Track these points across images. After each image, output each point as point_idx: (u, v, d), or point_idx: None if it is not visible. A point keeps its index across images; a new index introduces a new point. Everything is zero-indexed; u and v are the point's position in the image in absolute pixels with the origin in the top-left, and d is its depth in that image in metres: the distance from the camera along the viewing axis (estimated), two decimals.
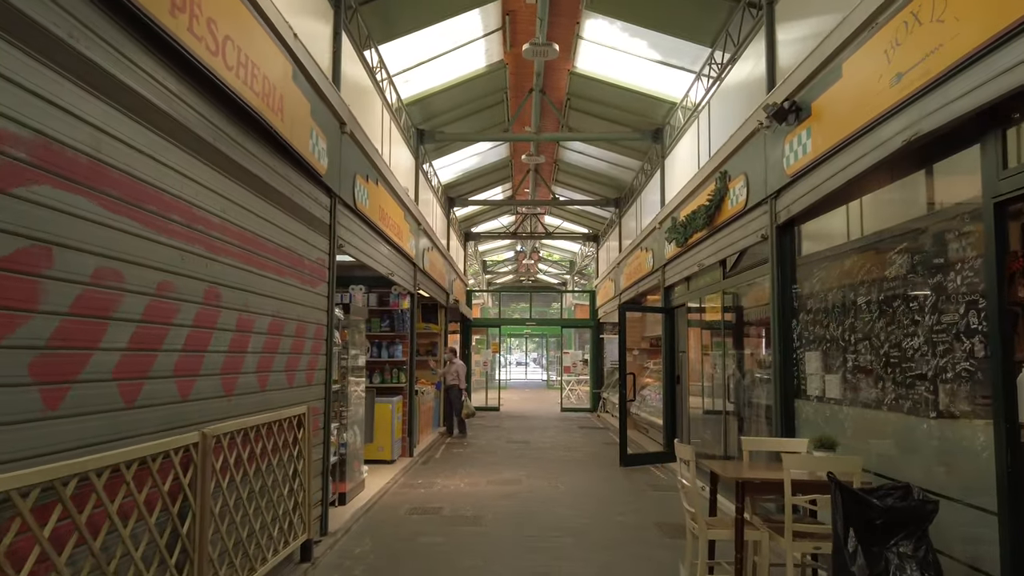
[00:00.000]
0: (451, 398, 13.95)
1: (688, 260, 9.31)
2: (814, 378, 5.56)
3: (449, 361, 14.02)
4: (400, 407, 10.70)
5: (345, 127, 6.49)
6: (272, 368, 4.88)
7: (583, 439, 13.57)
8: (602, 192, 16.31)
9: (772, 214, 6.18)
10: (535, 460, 10.76)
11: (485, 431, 14.76)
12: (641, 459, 10.38)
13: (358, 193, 7.09)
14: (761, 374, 7.21)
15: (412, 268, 10.88)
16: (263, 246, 4.74)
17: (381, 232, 8.23)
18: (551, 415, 18.68)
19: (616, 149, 13.04)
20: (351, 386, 7.73)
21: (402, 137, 10.57)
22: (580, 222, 20.50)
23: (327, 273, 6.25)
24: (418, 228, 11.10)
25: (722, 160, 7.56)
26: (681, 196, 9.48)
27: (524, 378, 38.93)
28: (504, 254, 30.00)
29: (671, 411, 10.76)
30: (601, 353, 20.35)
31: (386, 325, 10.97)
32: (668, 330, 10.85)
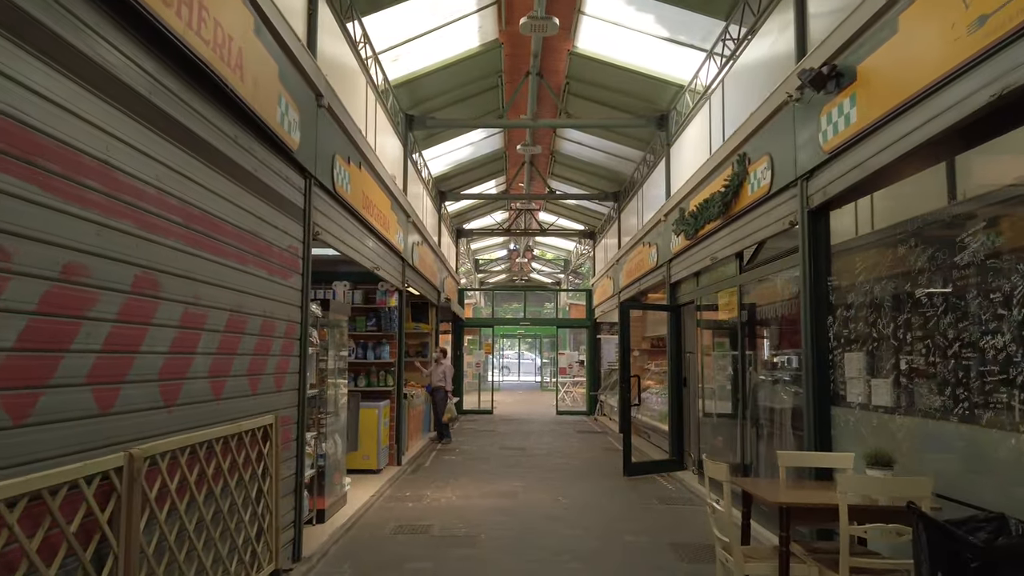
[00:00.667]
0: (436, 400, 13.20)
1: (698, 254, 8.62)
2: (856, 382, 4.87)
3: (437, 362, 13.28)
4: (387, 412, 9.97)
5: (322, 99, 5.76)
6: (230, 372, 4.15)
7: (581, 445, 12.87)
8: (600, 186, 15.62)
9: (803, 198, 5.49)
10: (532, 469, 10.04)
11: (478, 436, 14.03)
12: (646, 468, 9.68)
13: (338, 176, 6.35)
14: (783, 377, 6.53)
15: (400, 263, 10.15)
16: (219, 227, 4.00)
17: (365, 221, 7.49)
18: (546, 418, 17.98)
19: (616, 138, 12.34)
20: (331, 390, 7.00)
21: (389, 122, 9.85)
22: (576, 218, 19.81)
23: (300, 264, 5.51)
24: (407, 221, 10.37)
25: (740, 142, 6.87)
26: (690, 185, 8.79)
27: (518, 379, 38.20)
28: (497, 252, 29.30)
29: (677, 416, 10.07)
30: (598, 354, 19.66)
31: (372, 324, 10.23)
32: (674, 330, 10.16)
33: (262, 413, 4.62)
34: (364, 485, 8.52)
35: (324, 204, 6.09)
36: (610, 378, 18.78)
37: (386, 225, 8.66)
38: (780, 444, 6.41)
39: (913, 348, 4.20)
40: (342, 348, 7.51)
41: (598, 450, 12.20)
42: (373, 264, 8.09)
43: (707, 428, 8.98)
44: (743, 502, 4.27)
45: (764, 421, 6.89)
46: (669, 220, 10.04)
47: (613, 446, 12.70)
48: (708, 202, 7.76)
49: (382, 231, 8.36)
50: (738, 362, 7.52)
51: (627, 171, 14.04)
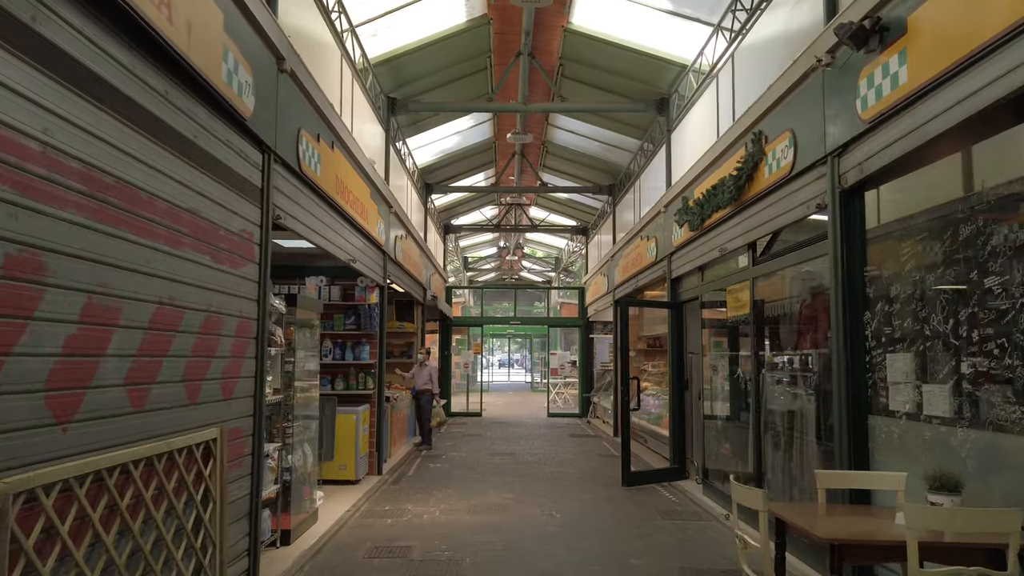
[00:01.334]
0: (421, 404, 12.46)
1: (704, 246, 7.94)
2: (902, 388, 4.19)
3: (421, 364, 12.55)
4: (367, 418, 9.23)
5: (284, 64, 5.02)
6: (156, 378, 3.41)
7: (575, 450, 12.17)
8: (594, 179, 14.93)
9: (833, 176, 4.81)
10: (523, 478, 9.33)
11: (466, 440, 13.30)
12: (646, 477, 8.99)
13: (305, 154, 5.62)
14: (803, 380, 5.85)
15: (381, 257, 9.42)
16: (142, 201, 3.27)
17: (339, 208, 6.76)
18: (537, 421, 17.27)
19: (612, 126, 11.65)
20: (299, 396, 6.26)
21: (369, 104, 9.11)
22: (569, 213, 19.12)
23: (257, 251, 4.77)
24: (388, 211, 9.64)
25: (755, 120, 6.18)
26: (695, 172, 8.11)
27: (507, 380, 37.48)
28: (486, 250, 28.59)
29: (678, 421, 9.38)
30: (590, 354, 18.98)
31: (351, 322, 9.49)
32: (675, 328, 9.48)
33: (204, 426, 3.88)
34: (340, 498, 7.78)
35: (288, 185, 5.35)
36: (603, 379, 18.12)
37: (364, 215, 7.92)
38: (799, 455, 5.73)
39: (981, 348, 3.52)
40: (313, 348, 6.77)
41: (593, 456, 11.51)
42: (349, 256, 7.35)
43: (712, 434, 8.30)
44: (776, 531, 3.57)
45: (780, 428, 6.21)
46: (670, 211, 9.35)
47: (608, 451, 12.01)
48: (717, 188, 7.07)
49: (360, 221, 7.63)
50: (749, 363, 6.83)
51: (623, 162, 13.36)
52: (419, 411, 12.47)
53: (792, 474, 5.93)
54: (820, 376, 5.41)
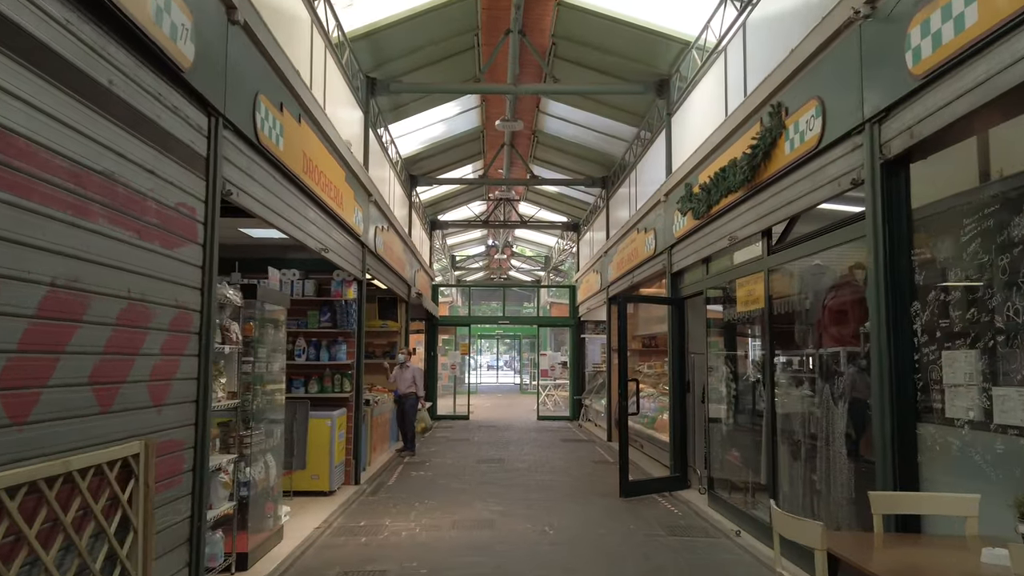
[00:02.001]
0: (405, 408, 11.75)
1: (710, 235, 7.28)
2: (963, 392, 3.53)
3: (403, 365, 11.82)
4: (343, 423, 8.51)
5: (235, 13, 4.30)
6: (48, 381, 2.69)
7: (567, 456, 11.49)
8: (587, 170, 14.26)
9: (872, 147, 4.15)
10: (513, 487, 8.63)
11: (452, 445, 12.59)
12: (646, 487, 8.31)
13: (264, 123, 4.90)
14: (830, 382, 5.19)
15: (359, 249, 8.70)
16: (26, 154, 2.55)
17: (308, 190, 6.04)
18: (527, 424, 16.58)
19: (607, 111, 10.99)
20: (260, 401, 5.54)
21: (346, 82, 8.39)
22: (559, 209, 18.45)
23: (201, 231, 4.06)
24: (368, 200, 8.92)
25: (772, 91, 5.53)
26: (699, 156, 7.46)
27: (496, 382, 36.76)
28: (475, 248, 27.88)
29: (680, 426, 8.72)
30: (582, 355, 18.32)
31: (326, 319, 8.76)
32: (676, 326, 8.82)
33: (122, 439, 3.16)
34: (311, 512, 7.06)
35: (242, 157, 4.64)
36: (595, 381, 17.47)
37: (339, 200, 7.21)
38: (824, 467, 5.07)
39: None
40: (278, 346, 6.05)
41: (586, 462, 10.83)
42: (320, 245, 6.63)
43: (718, 441, 7.64)
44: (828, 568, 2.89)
45: (799, 436, 5.55)
46: (671, 200, 8.70)
47: (603, 457, 11.34)
48: (726, 171, 6.42)
49: (333, 206, 6.91)
50: (762, 363, 6.18)
51: (617, 152, 12.70)
52: (402, 416, 11.76)
53: (815, 488, 5.27)
54: (853, 378, 4.76)
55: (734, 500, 7.10)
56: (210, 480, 4.33)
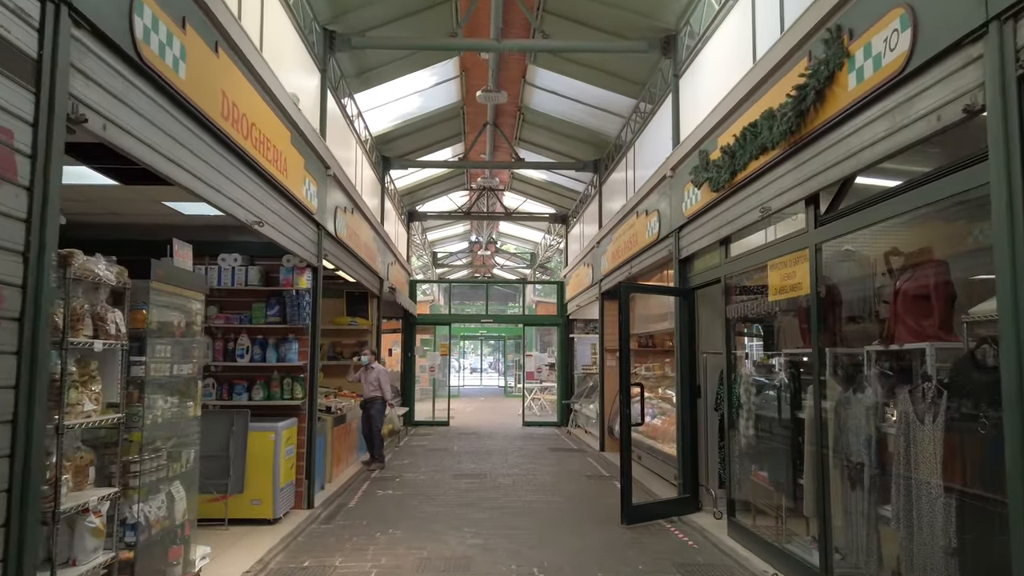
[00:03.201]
0: (371, 414, 10.41)
1: (733, 209, 6.03)
2: None
3: (367, 367, 10.48)
4: (292, 436, 7.17)
5: None
6: None
7: (557, 468, 10.21)
8: (578, 153, 13.00)
9: (1004, 55, 2.92)
10: (495, 512, 7.35)
11: (428, 457, 11.27)
12: (651, 511, 7.04)
13: (150, 34, 3.58)
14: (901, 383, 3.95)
15: (314, 230, 7.39)
16: None
17: (229, 140, 4.72)
18: (511, 431, 15.28)
19: (603, 80, 9.73)
20: (160, 414, 4.21)
21: (295, 28, 7.07)
22: (547, 199, 17.19)
23: (24, 166, 2.74)
24: (324, 172, 7.61)
25: (826, 13, 4.30)
26: (719, 115, 6.22)
27: (480, 384, 35.45)
28: (457, 244, 26.57)
29: (690, 438, 7.46)
30: (570, 356, 17.04)
31: (275, 313, 7.42)
32: (685, 321, 7.56)
33: None
34: (245, 547, 5.73)
35: (111, 74, 3.31)
36: (585, 384, 16.22)
37: (281, 165, 5.89)
38: (905, 499, 3.81)
39: None
40: (190, 343, 4.71)
41: (578, 477, 9.55)
42: (252, 216, 5.31)
43: (741, 456, 6.38)
44: None
45: (865, 456, 4.30)
46: (679, 175, 7.46)
47: (596, 471, 10.06)
48: (758, 125, 5.17)
49: (272, 170, 5.60)
50: (811, 363, 4.94)
51: (612, 130, 11.46)
52: (367, 423, 10.42)
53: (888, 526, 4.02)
54: (961, 381, 3.51)
55: (761, 530, 5.85)
56: (40, 537, 3.01)
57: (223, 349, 7.31)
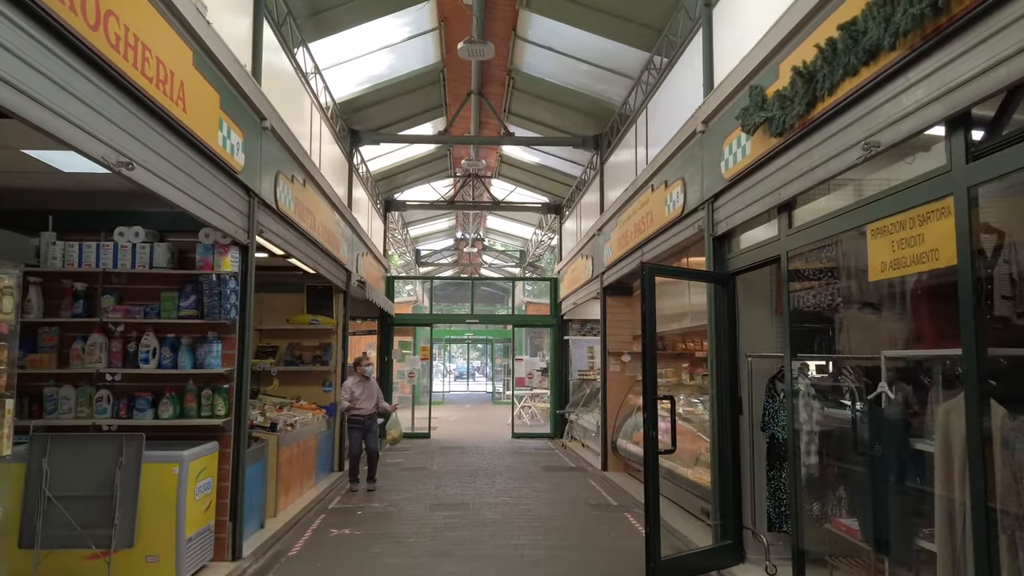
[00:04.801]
0: (372, 431, 8.95)
1: (804, 158, 4.38)
2: None
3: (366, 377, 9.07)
4: (211, 466, 5.43)
5: None
6: None
7: (554, 495, 8.51)
8: (577, 127, 11.33)
9: None
10: (481, 561, 5.65)
11: (403, 479, 9.54)
12: (686, 567, 5.34)
13: None
14: None
15: (244, 196, 5.68)
16: None
17: (62, 27, 3.01)
18: (500, 444, 13.57)
19: (611, 28, 8.08)
20: None
21: None
22: (539, 186, 15.51)
23: None
24: (257, 122, 5.91)
25: None
26: (778, 35, 4.58)
27: (467, 390, 33.68)
28: (442, 242, 24.86)
29: (730, 467, 5.78)
30: (565, 360, 15.38)
31: (190, 304, 5.67)
32: (723, 317, 5.90)
33: None
34: None
35: None
36: (580, 391, 14.56)
37: (173, 90, 4.18)
38: None
39: None
40: None
41: (580, 506, 7.86)
42: (112, 153, 3.58)
43: (810, 494, 4.72)
44: None
45: None
46: (715, 129, 5.83)
47: (602, 497, 8.38)
48: (866, 20, 3.52)
49: (152, 93, 3.89)
50: (967, 374, 3.28)
51: (618, 96, 9.82)
52: (358, 442, 8.92)
53: None
54: None
55: None
56: None
57: (122, 351, 5.56)
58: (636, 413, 9.88)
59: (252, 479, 6.40)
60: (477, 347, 38.03)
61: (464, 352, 36.85)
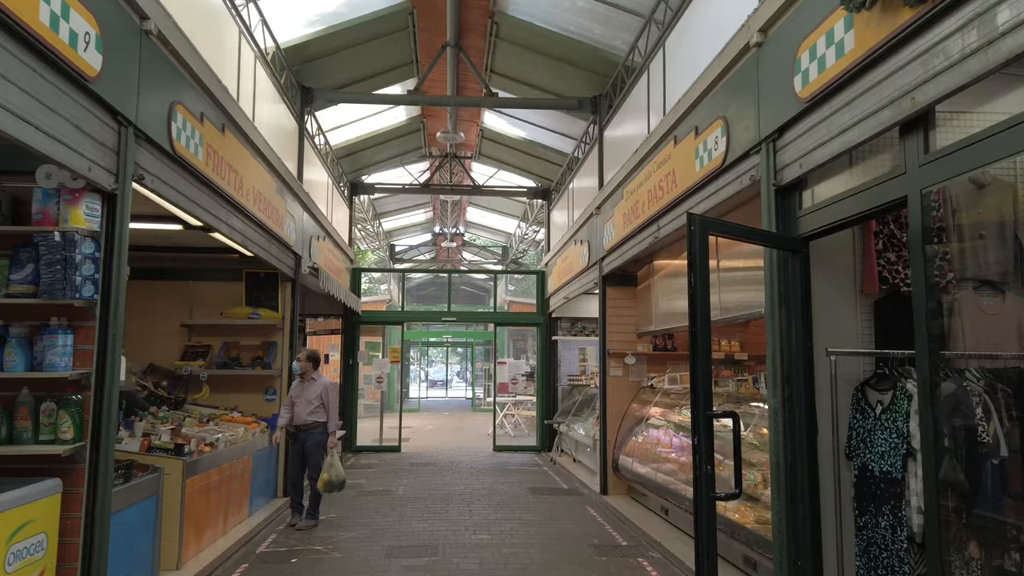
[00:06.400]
0: (306, 448, 7.06)
1: (968, 32, 2.70)
2: None
3: (302, 378, 7.15)
4: (42, 517, 3.62)
5: None
6: None
7: (547, 531, 6.77)
8: (573, 86, 9.63)
9: None
10: None
11: (358, 506, 7.74)
12: None
13: None
14: None
15: (109, 124, 3.90)
16: None
17: None
18: (479, 459, 11.81)
19: None
20: None
21: None
22: (526, 166, 13.79)
23: None
24: (134, 24, 4.14)
25: None
26: None
27: (445, 396, 31.81)
28: (419, 236, 23.07)
29: (808, 509, 4.07)
30: (553, 362, 13.66)
31: (23, 277, 3.88)
32: (793, 297, 4.20)
33: None
34: None
35: None
36: (572, 398, 12.86)
37: None
38: None
39: None
40: None
41: (582, 548, 6.13)
42: None
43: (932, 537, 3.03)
44: None
45: None
46: (784, 31, 4.15)
47: (606, 535, 6.65)
48: None
49: None
50: None
51: (623, 42, 8.15)
52: (299, 460, 7.10)
53: None
54: None
55: None
56: None
57: None
58: (646, 428, 8.19)
59: (133, 526, 4.61)
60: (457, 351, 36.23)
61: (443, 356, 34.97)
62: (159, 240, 7.34)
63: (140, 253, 7.87)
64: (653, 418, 8.13)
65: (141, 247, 7.61)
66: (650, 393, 8.63)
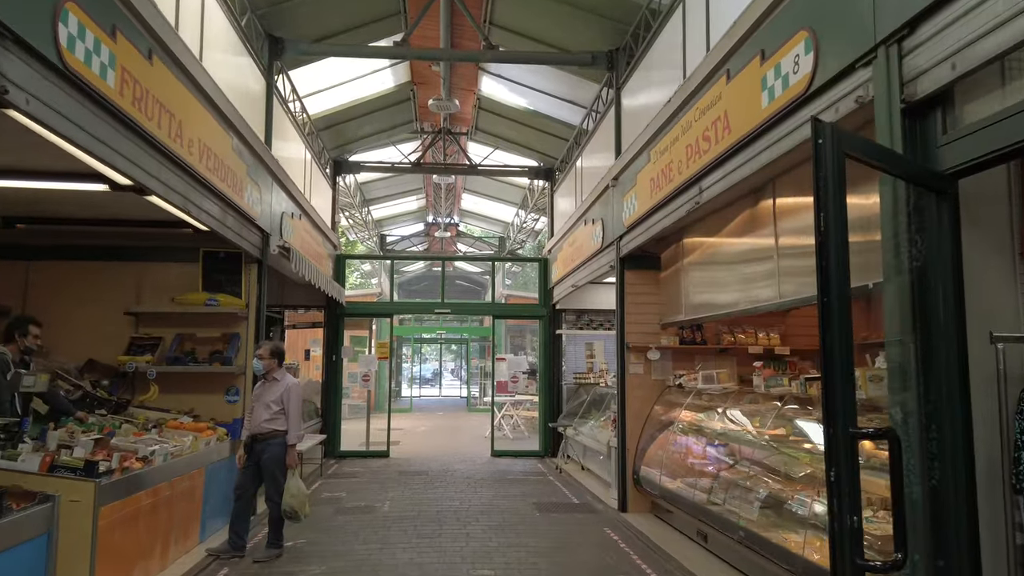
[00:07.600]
0: (261, 462, 5.75)
1: None
2: None
3: (265, 378, 5.84)
4: None
5: None
6: None
7: (559, 562, 5.49)
8: (582, 39, 8.35)
9: None
10: None
11: (335, 531, 6.45)
12: None
13: None
14: None
15: None
16: None
17: None
18: (476, 467, 10.54)
19: None
20: None
21: None
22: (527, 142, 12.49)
23: None
24: None
25: None
26: None
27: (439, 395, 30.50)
28: (411, 227, 21.79)
29: (964, 562, 2.80)
30: (558, 360, 12.41)
31: None
32: (933, 263, 2.93)
33: None
34: None
35: None
36: (578, 397, 11.62)
37: None
38: None
39: None
40: None
41: None
42: None
43: None
44: None
45: None
46: None
47: (634, 565, 5.36)
48: None
49: None
50: None
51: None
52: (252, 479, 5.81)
53: None
54: None
55: None
56: None
57: None
58: (675, 434, 6.93)
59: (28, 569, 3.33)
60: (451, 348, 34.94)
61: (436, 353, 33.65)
62: (89, 210, 6.03)
63: (75, 228, 6.59)
64: (684, 423, 6.88)
65: (69, 220, 6.32)
66: (678, 394, 7.38)
